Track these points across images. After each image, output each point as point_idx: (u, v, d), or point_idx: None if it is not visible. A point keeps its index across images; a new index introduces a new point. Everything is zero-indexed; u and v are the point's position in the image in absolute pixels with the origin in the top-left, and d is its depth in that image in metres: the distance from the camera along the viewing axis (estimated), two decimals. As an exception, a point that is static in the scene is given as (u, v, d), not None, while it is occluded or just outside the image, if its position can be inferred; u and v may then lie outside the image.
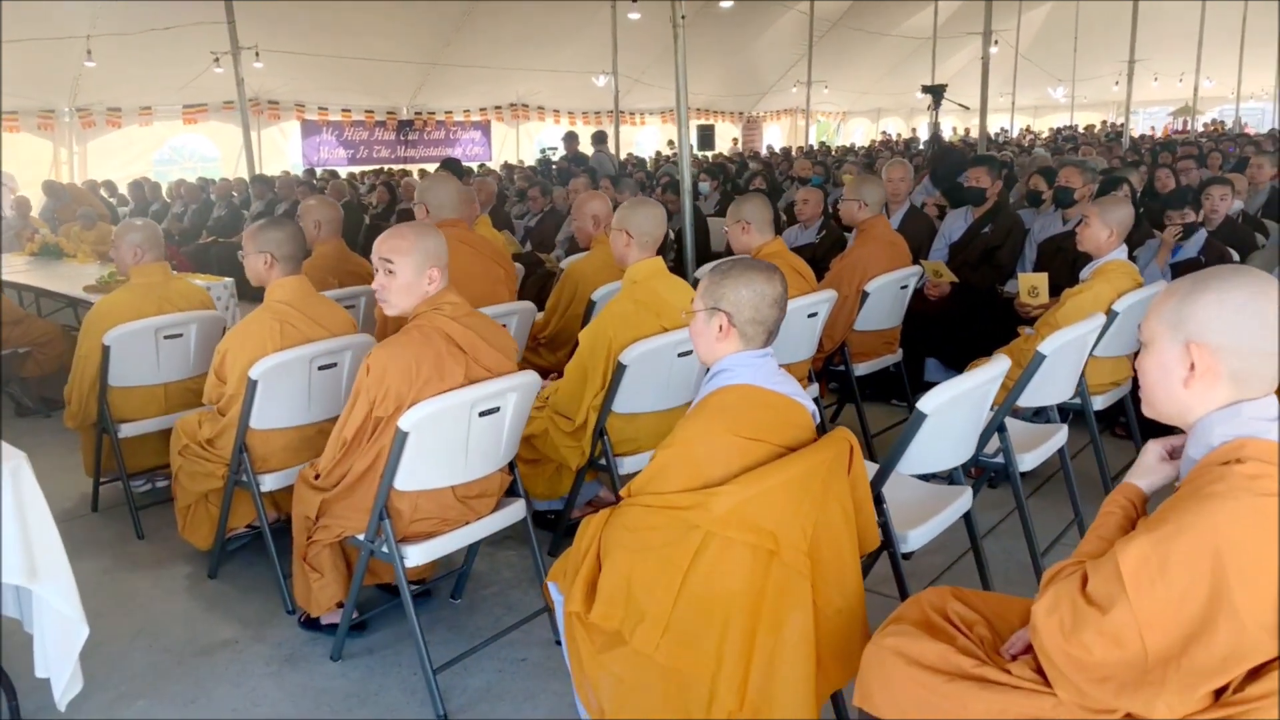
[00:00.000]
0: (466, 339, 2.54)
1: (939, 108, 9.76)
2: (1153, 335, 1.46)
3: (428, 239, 2.57)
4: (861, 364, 4.28)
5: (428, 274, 2.55)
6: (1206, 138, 15.76)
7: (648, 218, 3.23)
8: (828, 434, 2.02)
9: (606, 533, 2.02)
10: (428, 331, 2.51)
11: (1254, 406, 1.39)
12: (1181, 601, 1.29)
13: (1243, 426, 1.38)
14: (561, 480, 3.34)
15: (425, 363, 2.45)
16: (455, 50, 17.23)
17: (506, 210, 9.25)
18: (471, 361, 2.54)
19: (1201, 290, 1.41)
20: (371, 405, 2.48)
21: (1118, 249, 3.65)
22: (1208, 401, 1.42)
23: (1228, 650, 1.28)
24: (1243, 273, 1.43)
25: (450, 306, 2.57)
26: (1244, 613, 1.26)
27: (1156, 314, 1.46)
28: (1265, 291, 1.39)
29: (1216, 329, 1.38)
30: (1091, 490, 3.66)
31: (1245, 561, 1.26)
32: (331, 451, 2.62)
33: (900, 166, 5.54)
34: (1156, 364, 1.45)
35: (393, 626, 2.96)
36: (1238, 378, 1.39)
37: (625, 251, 3.23)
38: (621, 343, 3.03)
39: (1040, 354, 2.89)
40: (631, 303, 3.14)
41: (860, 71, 26.11)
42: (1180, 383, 1.42)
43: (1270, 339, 1.38)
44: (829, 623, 1.91)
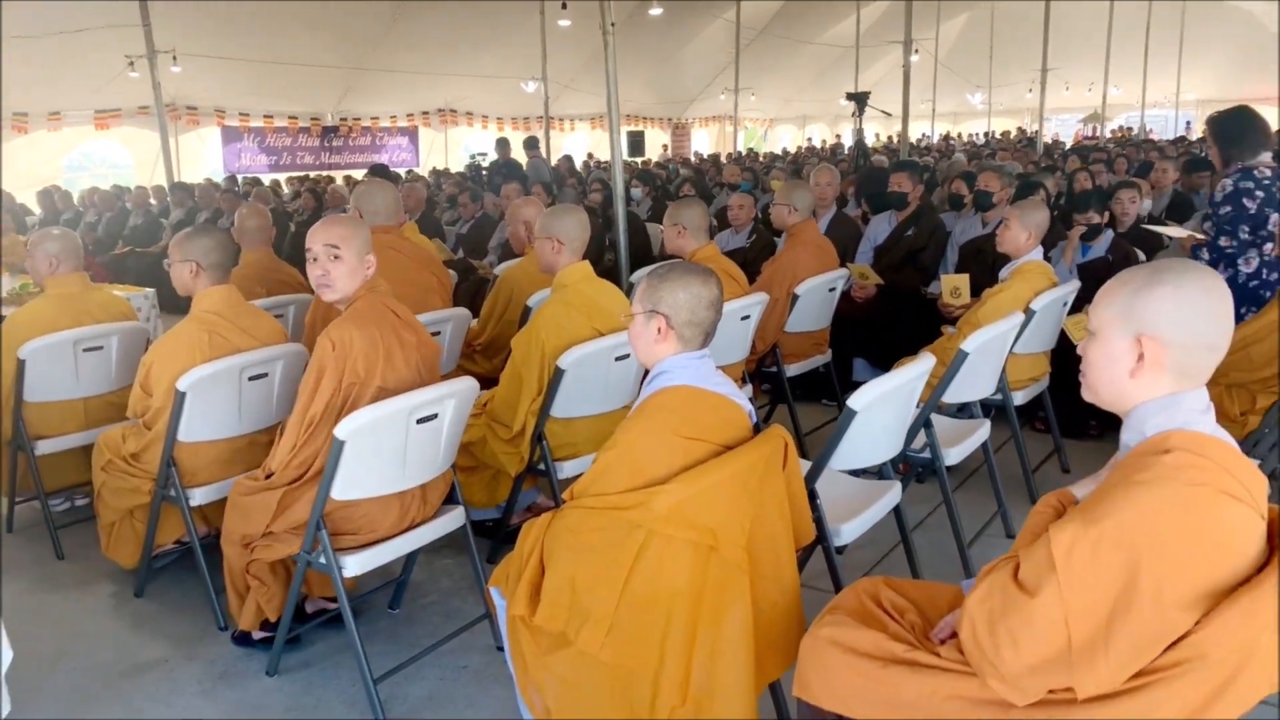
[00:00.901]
0: (404, 311, 2.69)
1: (863, 114, 9.99)
2: (1102, 324, 1.49)
3: (362, 227, 2.72)
4: (793, 365, 4.37)
5: (366, 259, 2.66)
6: (1114, 143, 16.45)
7: (576, 223, 3.27)
8: (763, 432, 2.07)
9: (549, 536, 2.04)
10: (376, 306, 2.63)
11: (1189, 398, 1.44)
12: (1109, 585, 1.35)
13: (1178, 417, 1.43)
14: (499, 487, 3.33)
15: (384, 333, 2.57)
16: (381, 55, 16.99)
17: (437, 217, 9.17)
18: (420, 341, 2.67)
19: (1156, 284, 1.44)
20: (340, 379, 2.52)
21: (1035, 250, 3.80)
22: (1149, 392, 1.46)
23: (1150, 632, 1.34)
24: (1194, 268, 1.46)
25: (384, 286, 2.71)
26: (1166, 596, 1.33)
27: (1107, 304, 1.48)
28: (1216, 289, 1.44)
29: (1168, 323, 1.42)
30: (1014, 483, 3.81)
31: (1167, 547, 1.33)
32: (290, 439, 2.59)
33: (827, 172, 5.67)
34: (1103, 353, 1.48)
35: (329, 639, 2.92)
36: (1180, 371, 1.44)
37: (555, 258, 3.26)
38: (554, 347, 3.04)
39: (963, 352, 3.00)
40: (562, 306, 3.16)
41: (786, 79, 26.57)
42: (1127, 373, 1.46)
43: (1216, 335, 1.44)
44: (766, 616, 1.96)
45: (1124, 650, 1.35)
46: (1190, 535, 1.33)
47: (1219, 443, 1.41)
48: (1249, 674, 1.32)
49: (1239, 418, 3.32)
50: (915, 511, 3.58)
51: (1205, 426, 1.43)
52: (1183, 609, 1.33)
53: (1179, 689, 1.32)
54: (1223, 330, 1.45)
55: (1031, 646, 1.40)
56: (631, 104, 22.75)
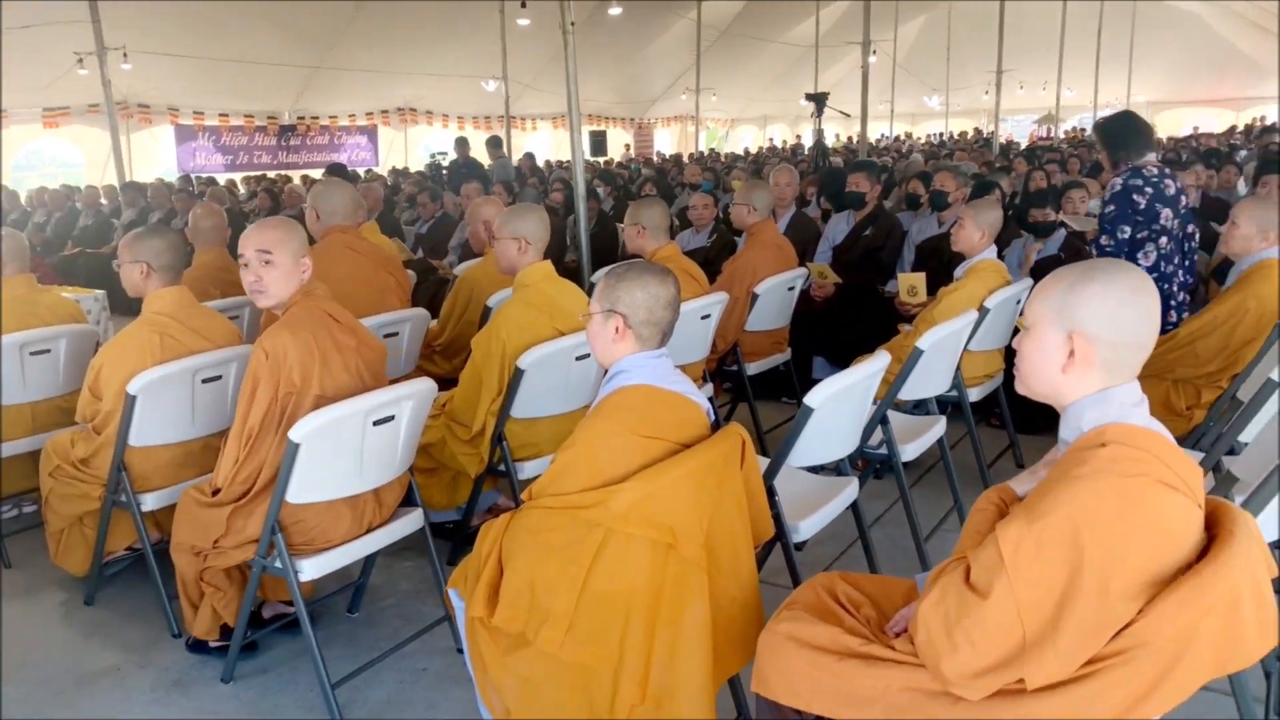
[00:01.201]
0: (342, 314, 2.65)
1: (822, 115, 10.08)
2: (1036, 320, 1.53)
3: (297, 230, 2.65)
4: (753, 363, 4.40)
5: (302, 263, 2.61)
6: (1068, 143, 16.77)
7: (539, 222, 3.26)
8: (721, 430, 2.08)
9: (508, 536, 2.04)
10: (313, 311, 2.58)
11: (1121, 392, 1.49)
12: (1055, 579, 1.38)
13: (1111, 411, 1.47)
14: (459, 489, 3.31)
15: (319, 338, 2.52)
16: (340, 53, 16.79)
17: (396, 216, 9.09)
18: (361, 344, 2.62)
19: (1087, 282, 1.48)
20: (276, 387, 2.47)
21: (988, 249, 3.87)
22: (1081, 387, 1.50)
23: (1097, 623, 1.37)
24: (1124, 268, 1.50)
25: (321, 289, 2.66)
26: (1111, 586, 1.36)
27: (1042, 300, 1.52)
28: (1144, 288, 1.48)
29: (1098, 321, 1.46)
30: (970, 478, 3.87)
31: (1108, 538, 1.36)
32: (233, 454, 2.54)
33: (786, 172, 5.71)
34: (1037, 348, 1.52)
35: (286, 644, 2.89)
36: (1110, 366, 1.48)
37: (520, 257, 3.23)
38: (515, 347, 3.03)
39: (918, 349, 3.05)
40: (523, 306, 3.14)
41: (747, 79, 26.71)
42: (1058, 368, 1.50)
43: (1144, 333, 1.48)
44: (725, 612, 1.98)
45: (1072, 641, 1.38)
46: (1129, 525, 1.36)
47: (1153, 434, 1.44)
48: (1190, 660, 1.35)
49: (1185, 412, 3.41)
50: (873, 507, 3.62)
51: (1139, 419, 1.47)
52: (1126, 598, 1.36)
53: (1123, 676, 1.36)
54: (1150, 328, 1.49)
55: (988, 647, 1.42)
56: (593, 104, 22.73)
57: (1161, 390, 3.44)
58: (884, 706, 1.54)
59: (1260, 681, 2.36)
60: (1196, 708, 2.35)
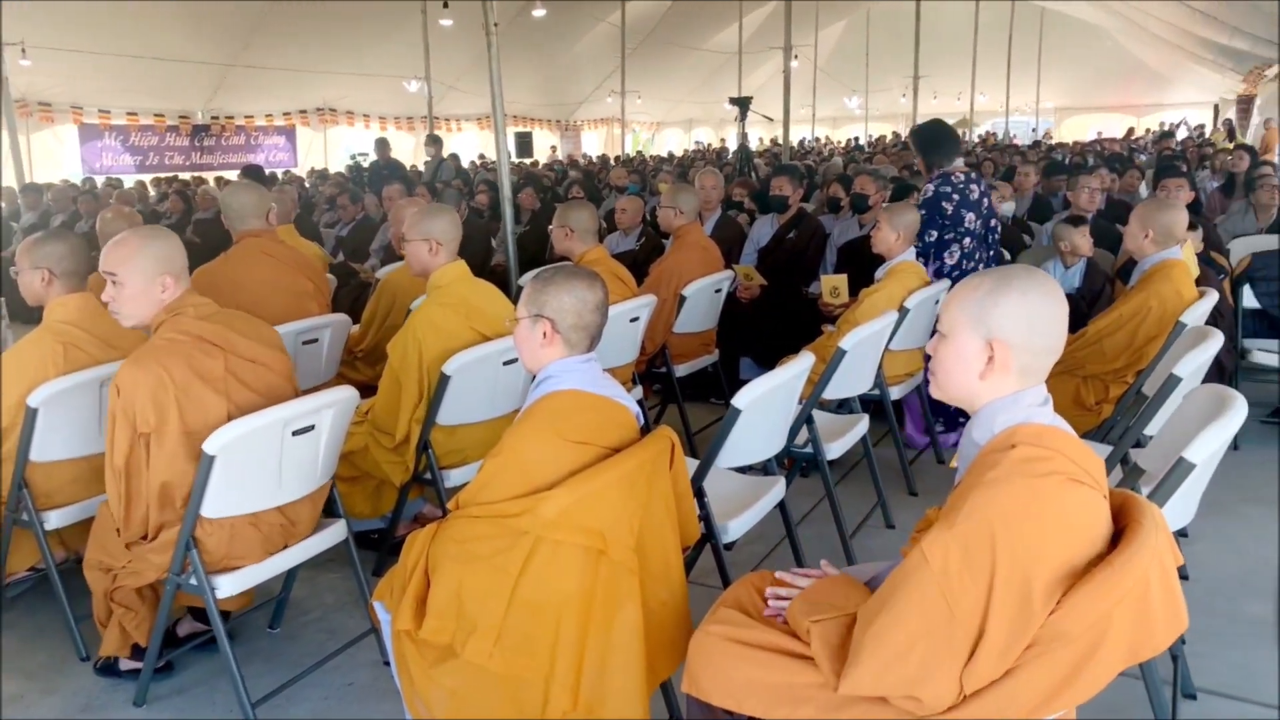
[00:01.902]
0: (218, 334, 2.45)
1: (745, 119, 10.19)
2: (954, 326, 1.56)
3: (154, 244, 2.45)
4: (681, 365, 4.42)
5: (159, 281, 2.43)
6: (981, 147, 17.31)
7: (451, 223, 3.19)
8: (650, 433, 2.08)
9: (434, 547, 2.00)
10: (170, 338, 2.40)
11: (1030, 394, 1.54)
12: (983, 582, 1.40)
13: (1020, 413, 1.52)
14: (383, 498, 3.24)
15: (177, 366, 2.34)
16: (255, 52, 16.30)
17: (315, 219, 8.88)
18: (230, 355, 2.45)
19: (1005, 290, 1.51)
20: (132, 425, 2.33)
21: (907, 251, 3.96)
22: (995, 391, 1.54)
23: (1021, 620, 1.40)
24: (1038, 276, 1.55)
25: (194, 308, 2.47)
26: (1032, 584, 1.39)
27: (959, 306, 1.55)
28: (1056, 295, 1.53)
29: (1016, 328, 1.50)
30: (892, 474, 3.95)
31: (1024, 537, 1.39)
32: (115, 493, 2.41)
33: (712, 175, 5.76)
34: (954, 353, 1.55)
35: (203, 663, 2.78)
36: (1024, 371, 1.52)
37: (431, 259, 3.15)
38: (433, 351, 2.98)
39: (841, 350, 3.10)
40: (438, 307, 3.08)
41: (672, 83, 26.87)
42: (976, 374, 1.54)
43: (1057, 338, 1.53)
44: (655, 616, 1.97)
45: (1001, 641, 1.40)
46: (1044, 523, 1.41)
47: (1059, 432, 1.49)
48: (1105, 649, 1.40)
49: (1094, 407, 3.54)
50: (799, 505, 3.67)
51: (1045, 418, 1.52)
52: (1046, 593, 1.40)
53: (1043, 669, 1.39)
54: (1061, 333, 1.55)
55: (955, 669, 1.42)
56: (519, 105, 22.57)
57: (1072, 386, 3.57)
58: (817, 705, 1.55)
59: (1167, 664, 2.47)
60: (1108, 692, 2.44)
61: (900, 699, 1.46)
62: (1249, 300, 4.49)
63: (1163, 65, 26.36)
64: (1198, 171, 9.44)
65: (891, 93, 27.59)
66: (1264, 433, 4.43)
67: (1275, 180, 6.12)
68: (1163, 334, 3.35)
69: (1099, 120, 29.22)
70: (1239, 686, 2.51)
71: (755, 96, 11.87)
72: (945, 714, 1.43)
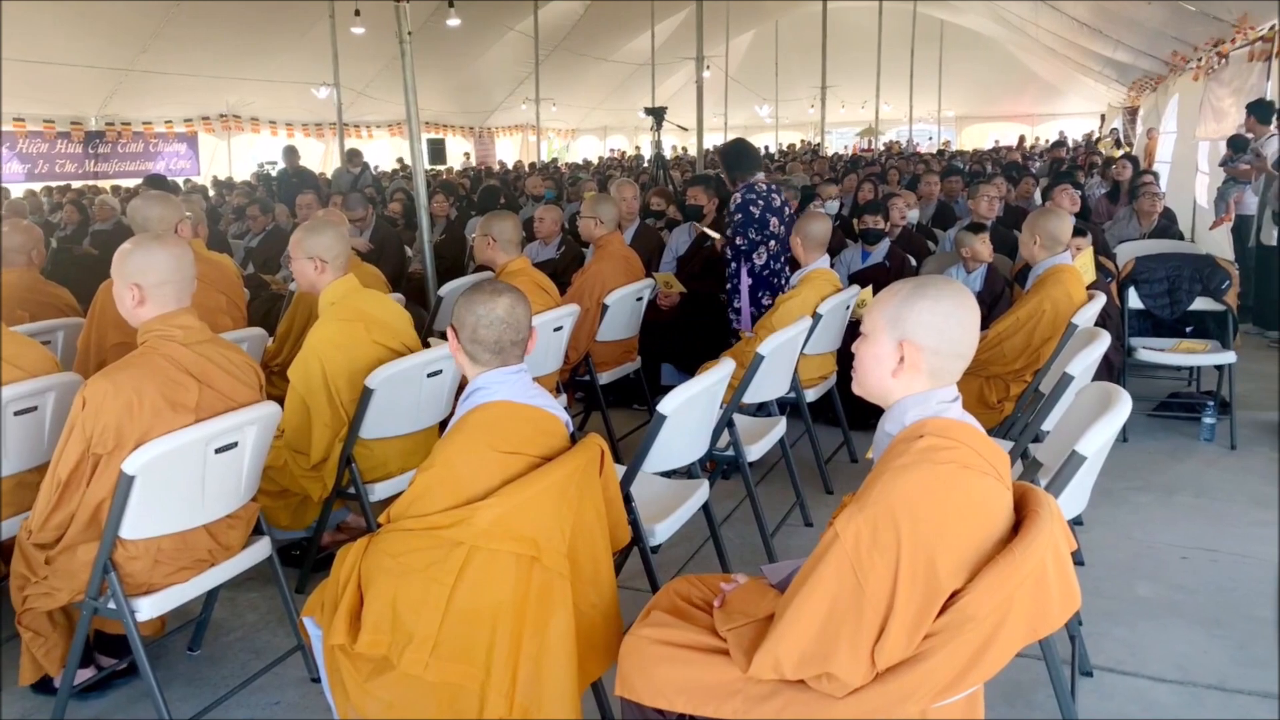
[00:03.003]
0: (199, 367, 2.39)
1: (660, 128, 10.33)
2: (873, 328, 1.68)
3: (137, 252, 2.39)
4: (604, 373, 4.48)
5: (130, 290, 2.37)
6: (886, 155, 17.89)
7: (335, 237, 3.10)
8: (580, 441, 2.13)
9: (366, 560, 2.00)
10: (153, 358, 2.34)
11: (940, 392, 1.66)
12: (890, 562, 1.50)
13: (930, 408, 1.64)
14: (307, 510, 3.20)
15: (150, 394, 2.27)
16: (152, 56, 15.68)
17: (222, 230, 8.63)
18: (206, 389, 2.38)
19: (918, 297, 1.64)
20: (88, 442, 2.25)
21: (820, 259, 4.10)
22: (908, 389, 1.66)
23: (926, 600, 1.50)
24: (952, 287, 1.67)
25: (184, 332, 2.40)
26: (937, 565, 1.50)
27: (880, 310, 1.67)
28: (966, 303, 1.65)
29: (925, 331, 1.62)
30: (809, 473, 4.09)
31: (928, 520, 1.50)
32: (45, 497, 2.35)
33: (629, 187, 5.84)
34: (872, 354, 1.67)
35: (122, 690, 2.71)
36: (935, 372, 1.65)
37: (318, 277, 3.07)
38: (336, 367, 2.94)
39: (760, 355, 3.20)
40: (336, 324, 3.01)
41: (586, 91, 26.95)
42: (890, 372, 1.66)
43: (965, 344, 1.65)
44: (586, 618, 2.02)
45: (909, 617, 1.51)
46: (945, 506, 1.52)
47: (965, 426, 1.61)
48: (1008, 629, 1.51)
49: (997, 405, 3.74)
50: (722, 507, 3.76)
51: (953, 414, 1.64)
52: (950, 572, 1.51)
53: (955, 649, 1.50)
54: (970, 340, 1.66)
55: (866, 644, 1.52)
56: (431, 111, 22.28)
57: (976, 386, 3.76)
58: (744, 698, 1.62)
59: (1066, 645, 2.64)
60: (1013, 673, 2.60)
61: (815, 679, 1.55)
62: (1134, 302, 4.79)
63: (1054, 76, 27.72)
64: (1087, 179, 9.96)
65: (800, 102, 28.29)
66: (1151, 426, 4.74)
67: (1156, 189, 6.53)
68: (1056, 335, 3.56)
69: (997, 129, 30.55)
70: (1130, 662, 2.70)
71: (669, 105, 12.04)
72: (864, 690, 1.52)
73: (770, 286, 4.55)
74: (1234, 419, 4.49)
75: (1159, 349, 4.67)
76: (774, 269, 4.55)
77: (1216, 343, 4.70)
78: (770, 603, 1.73)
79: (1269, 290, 6.56)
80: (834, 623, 1.53)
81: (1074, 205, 5.71)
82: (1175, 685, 2.59)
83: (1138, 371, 5.22)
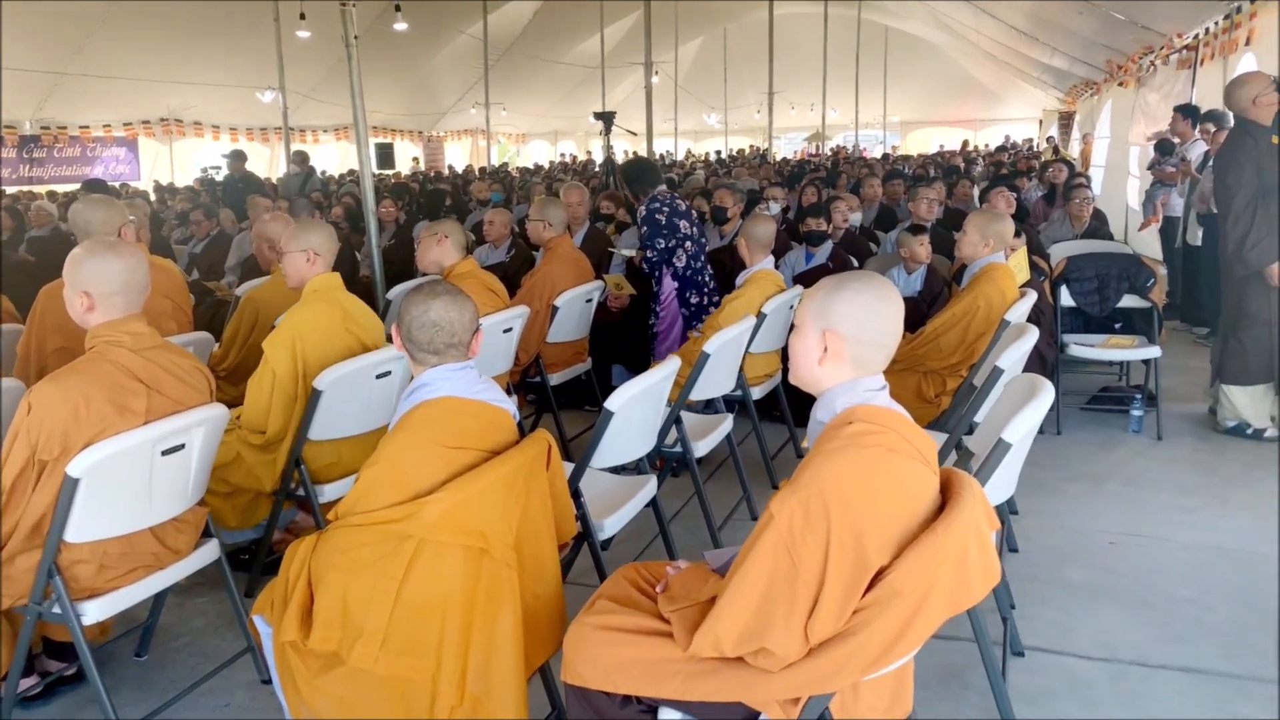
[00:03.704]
0: (148, 372, 2.38)
1: (609, 133, 10.40)
2: (802, 320, 1.78)
3: (89, 260, 2.38)
4: (555, 374, 4.52)
5: (79, 296, 2.37)
6: (834, 160, 18.18)
7: (328, 235, 3.30)
8: (529, 436, 2.18)
9: (316, 558, 2.03)
10: (100, 364, 2.32)
11: (866, 381, 1.74)
12: (821, 541, 1.57)
13: (858, 396, 1.73)
14: (256, 510, 3.19)
15: (97, 399, 2.26)
16: (88, 58, 15.32)
17: (165, 236, 8.50)
18: (155, 394, 2.38)
19: (841, 289, 1.73)
20: (33, 448, 2.23)
21: (765, 260, 4.20)
22: (835, 377, 1.75)
23: (854, 576, 1.58)
24: (873, 279, 1.76)
25: (132, 338, 2.39)
26: (864, 543, 1.58)
27: (808, 303, 1.77)
28: (887, 297, 1.74)
29: (847, 322, 1.71)
30: (756, 469, 4.17)
31: (856, 501, 1.58)
32: None
33: (577, 191, 5.89)
34: (801, 344, 1.77)
35: (67, 695, 2.69)
36: (858, 361, 1.73)
37: (309, 269, 3.24)
38: (310, 342, 3.04)
39: (705, 353, 3.28)
40: (318, 304, 3.15)
41: (536, 95, 26.93)
42: (816, 361, 1.75)
43: (885, 334, 1.74)
44: (530, 609, 2.07)
45: (840, 593, 1.58)
46: (872, 487, 1.60)
47: (892, 413, 1.70)
48: (932, 603, 1.60)
49: (934, 399, 3.87)
50: (672, 503, 3.83)
51: (880, 401, 1.73)
52: (877, 552, 1.59)
53: (883, 624, 1.58)
54: (891, 330, 1.75)
55: (800, 619, 1.59)
56: (379, 115, 22.11)
57: (914, 381, 3.88)
58: (684, 676, 1.69)
59: (998, 626, 2.75)
60: (948, 654, 2.70)
61: (753, 656, 1.62)
62: (1066, 299, 4.97)
63: (994, 83, 28.42)
64: (1026, 183, 10.26)
65: (748, 108, 28.60)
66: (1083, 419, 4.92)
67: (1087, 192, 6.77)
68: (990, 330, 3.70)
69: (941, 134, 31.20)
70: (1060, 642, 2.83)
71: (618, 110, 12.10)
72: (798, 664, 1.59)
73: (696, 285, 4.76)
74: (1160, 411, 4.69)
75: (1089, 344, 4.85)
76: (695, 268, 4.76)
77: (1143, 338, 4.90)
78: (712, 586, 1.79)
79: (1196, 288, 6.84)
80: (770, 600, 1.60)
81: (1010, 207, 5.90)
82: (1100, 662, 2.71)
83: (1071, 367, 5.41)
